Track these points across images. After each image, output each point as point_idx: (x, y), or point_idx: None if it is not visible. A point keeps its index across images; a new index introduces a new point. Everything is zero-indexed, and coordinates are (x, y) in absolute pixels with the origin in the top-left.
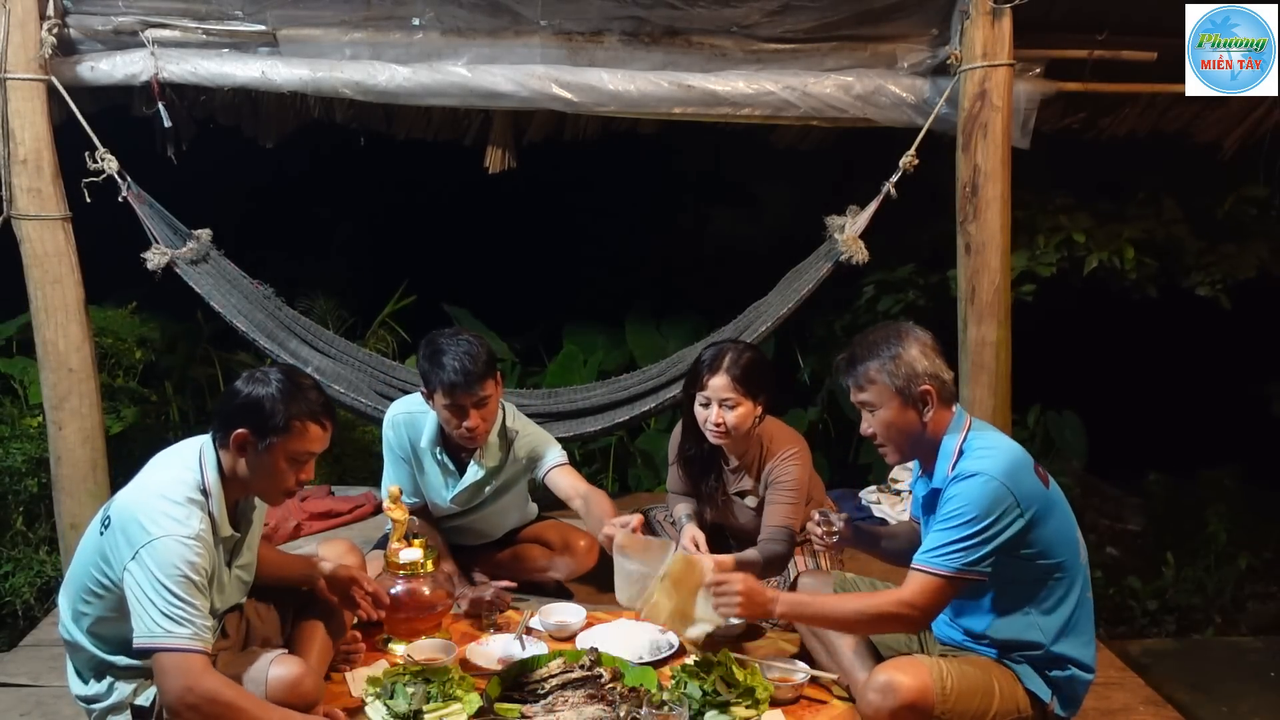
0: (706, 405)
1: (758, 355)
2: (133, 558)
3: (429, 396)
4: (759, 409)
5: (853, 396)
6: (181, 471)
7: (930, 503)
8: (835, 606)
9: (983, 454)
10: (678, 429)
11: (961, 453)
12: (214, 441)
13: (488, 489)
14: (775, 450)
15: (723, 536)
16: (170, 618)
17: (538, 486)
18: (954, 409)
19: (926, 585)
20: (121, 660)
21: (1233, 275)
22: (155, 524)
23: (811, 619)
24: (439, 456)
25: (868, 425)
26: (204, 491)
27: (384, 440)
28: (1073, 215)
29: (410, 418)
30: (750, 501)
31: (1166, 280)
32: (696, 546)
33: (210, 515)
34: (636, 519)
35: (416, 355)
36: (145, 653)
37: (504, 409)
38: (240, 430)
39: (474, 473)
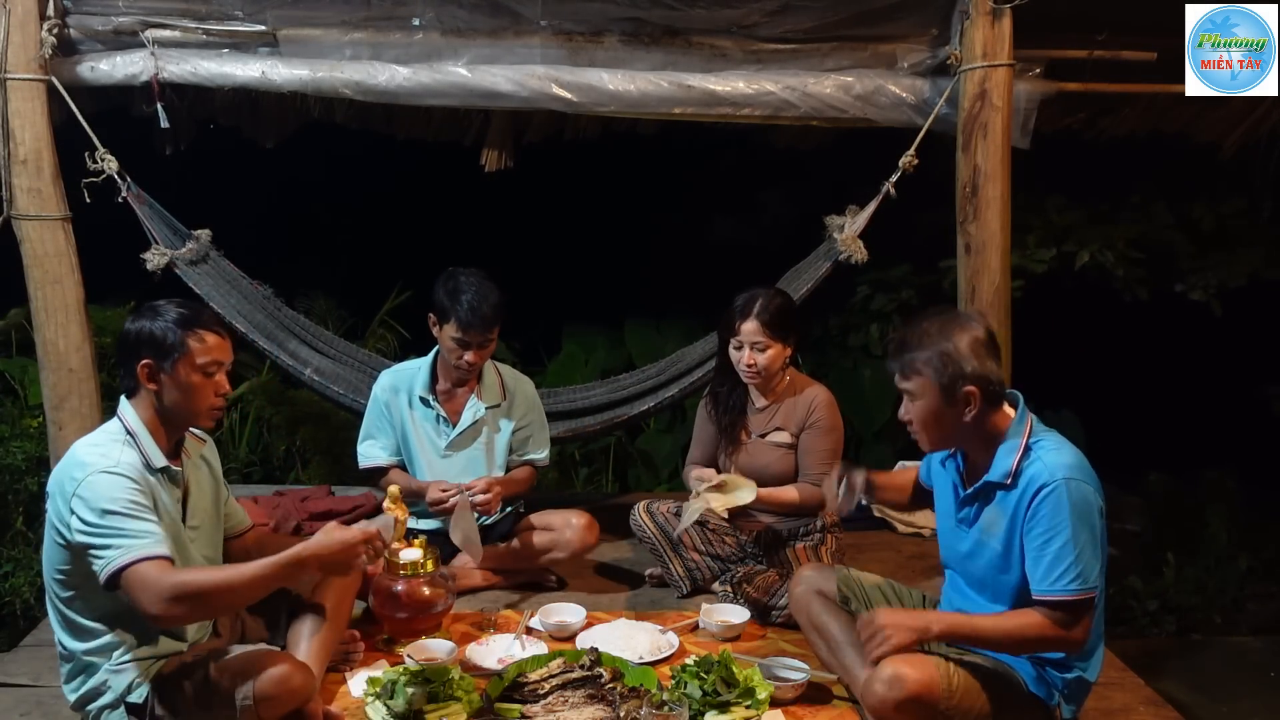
0: (739, 349)
1: (786, 300)
2: (71, 510)
3: (436, 325)
4: (788, 350)
5: (897, 381)
6: (103, 428)
7: (981, 496)
8: (989, 627)
9: (1055, 454)
10: (700, 406)
11: (1028, 451)
12: (126, 395)
13: (485, 430)
14: (805, 389)
15: None
16: (119, 541)
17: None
18: (1014, 408)
19: (1064, 611)
20: (108, 661)
21: (1225, 283)
22: (81, 468)
23: (970, 634)
24: (433, 405)
25: (906, 411)
26: (129, 433)
27: (373, 401)
28: (1064, 214)
29: (404, 373)
30: (778, 438)
31: (1159, 284)
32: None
33: (139, 449)
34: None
35: (435, 284)
36: (113, 584)
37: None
38: (144, 362)
39: (473, 412)
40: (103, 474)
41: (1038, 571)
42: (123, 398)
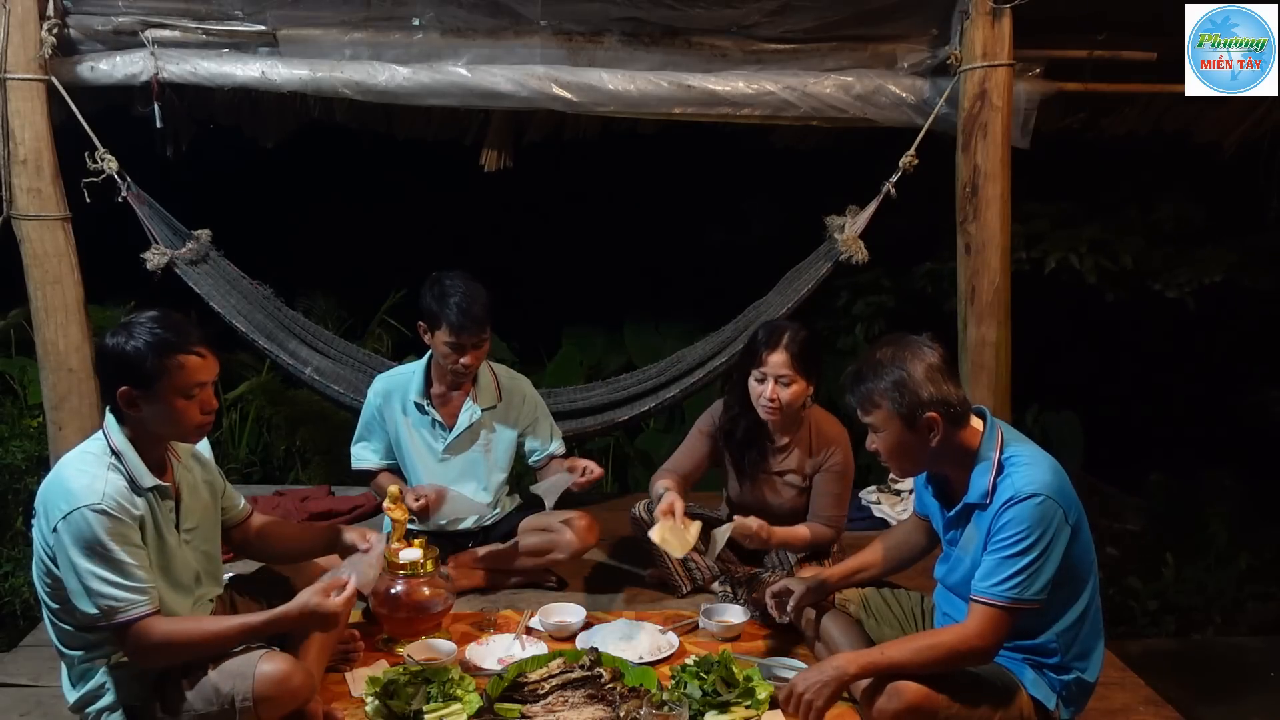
0: (762, 380)
1: (813, 335)
2: (55, 538)
3: (428, 332)
4: (810, 388)
5: (859, 416)
6: (88, 445)
7: (962, 518)
8: (903, 653)
9: (1027, 470)
10: (706, 413)
11: (1001, 468)
12: (111, 411)
13: (483, 433)
14: (823, 432)
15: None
16: (105, 601)
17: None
18: (981, 423)
19: (988, 616)
20: (107, 664)
21: (1199, 280)
22: (66, 499)
23: (886, 668)
24: (428, 410)
25: (873, 443)
26: (114, 452)
27: (367, 405)
28: (1030, 222)
29: (398, 377)
30: (793, 480)
31: (1138, 283)
32: (672, 514)
33: (126, 471)
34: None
35: (421, 292)
36: (96, 628)
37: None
38: (122, 388)
39: (469, 415)
40: (88, 511)
41: (980, 571)
42: (108, 413)
